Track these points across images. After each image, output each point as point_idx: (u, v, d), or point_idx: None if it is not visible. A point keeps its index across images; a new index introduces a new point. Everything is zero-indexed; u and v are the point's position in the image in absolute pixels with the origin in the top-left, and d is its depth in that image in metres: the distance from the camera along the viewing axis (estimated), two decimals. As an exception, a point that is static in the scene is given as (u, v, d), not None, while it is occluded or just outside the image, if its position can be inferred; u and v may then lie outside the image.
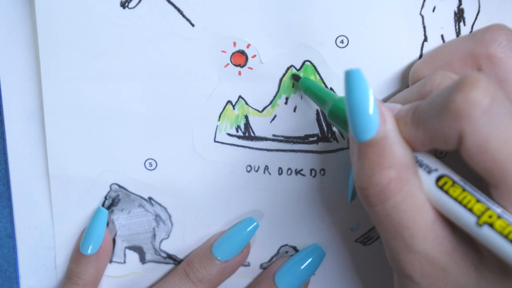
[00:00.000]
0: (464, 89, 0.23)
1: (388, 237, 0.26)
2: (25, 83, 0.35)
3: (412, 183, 0.25)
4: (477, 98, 0.23)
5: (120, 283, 0.38)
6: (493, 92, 0.23)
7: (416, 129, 0.25)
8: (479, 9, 0.33)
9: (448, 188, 0.25)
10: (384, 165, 0.25)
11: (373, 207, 0.26)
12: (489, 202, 0.24)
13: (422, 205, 0.25)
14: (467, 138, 0.23)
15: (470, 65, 0.29)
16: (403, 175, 0.25)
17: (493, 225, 0.23)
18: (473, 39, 0.29)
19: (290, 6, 0.32)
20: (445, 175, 0.25)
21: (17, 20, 0.34)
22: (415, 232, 0.25)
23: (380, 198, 0.25)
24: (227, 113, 0.35)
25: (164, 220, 0.37)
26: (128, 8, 0.33)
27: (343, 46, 0.33)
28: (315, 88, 0.32)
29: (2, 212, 0.37)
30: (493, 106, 0.23)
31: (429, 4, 0.33)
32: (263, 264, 0.38)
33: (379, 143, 0.25)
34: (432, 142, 0.25)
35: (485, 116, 0.23)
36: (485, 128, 0.23)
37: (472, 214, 0.24)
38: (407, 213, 0.25)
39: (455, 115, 0.23)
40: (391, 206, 0.25)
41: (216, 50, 0.34)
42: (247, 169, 0.36)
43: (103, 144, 0.35)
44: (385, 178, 0.25)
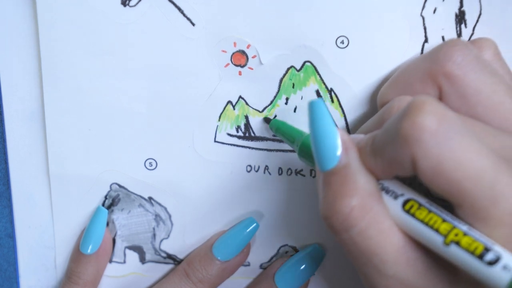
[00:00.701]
0: (410, 115, 0.23)
1: (359, 263, 0.26)
2: (25, 83, 0.35)
3: (376, 210, 0.25)
4: (424, 122, 0.23)
5: (120, 283, 0.38)
6: (440, 114, 0.23)
7: (375, 158, 0.26)
8: (481, 11, 0.33)
9: (415, 211, 0.25)
10: (346, 193, 0.26)
11: (339, 235, 0.26)
12: (455, 221, 0.24)
13: (389, 230, 0.25)
14: (419, 162, 0.23)
15: (430, 85, 0.29)
16: (365, 203, 0.25)
17: (460, 243, 0.23)
18: (429, 58, 0.29)
19: (291, 6, 0.32)
20: (411, 199, 0.25)
21: (18, 19, 0.33)
22: (385, 257, 0.25)
23: (344, 226, 0.26)
24: (227, 113, 0.35)
25: (164, 220, 0.37)
26: (129, 6, 0.33)
27: (344, 46, 0.33)
28: (285, 128, 0.33)
29: (2, 212, 0.37)
30: (441, 127, 0.23)
31: (430, 6, 0.33)
32: (263, 264, 0.38)
33: (341, 172, 0.26)
34: (391, 170, 0.25)
35: (434, 139, 0.23)
36: (436, 150, 0.23)
37: (439, 234, 0.24)
38: (373, 239, 0.25)
39: (405, 141, 0.23)
40: (356, 234, 0.25)
41: (216, 50, 0.34)
42: (247, 169, 0.36)
43: (104, 143, 0.35)
44: (347, 207, 0.25)
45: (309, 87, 0.34)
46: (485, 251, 0.23)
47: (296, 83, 0.34)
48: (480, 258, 0.23)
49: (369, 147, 0.26)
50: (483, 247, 0.23)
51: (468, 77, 0.28)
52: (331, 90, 0.34)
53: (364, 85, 0.34)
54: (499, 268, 0.22)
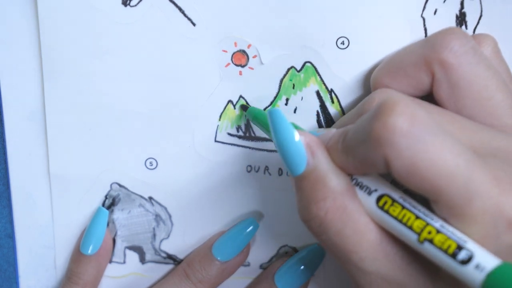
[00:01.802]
0: (381, 116, 0.23)
1: (341, 262, 0.27)
2: (25, 83, 0.35)
3: (350, 209, 0.26)
4: (395, 123, 0.23)
5: (120, 284, 0.38)
6: (411, 114, 0.23)
7: (346, 156, 0.26)
8: (481, 13, 0.33)
9: (388, 207, 0.25)
10: (318, 197, 0.26)
11: (318, 237, 0.27)
12: (428, 217, 0.24)
13: (365, 228, 0.26)
14: (392, 163, 0.23)
15: (424, 70, 0.29)
16: (339, 203, 0.26)
17: (433, 241, 0.23)
18: (426, 44, 0.29)
19: (291, 7, 0.33)
20: (385, 195, 0.25)
21: (18, 18, 0.33)
22: (363, 255, 0.25)
23: (322, 229, 0.26)
24: (228, 113, 0.35)
25: (164, 220, 0.37)
26: (129, 6, 0.33)
27: (344, 47, 0.33)
28: (262, 117, 0.33)
29: (2, 212, 0.37)
30: (412, 128, 0.23)
31: (430, 7, 0.33)
32: (263, 264, 0.38)
33: (311, 176, 0.26)
34: (363, 168, 0.25)
35: (406, 139, 0.23)
36: (409, 150, 0.23)
37: (413, 232, 0.24)
38: (350, 238, 0.26)
39: (377, 142, 0.23)
40: (334, 235, 0.26)
41: (217, 49, 0.34)
42: (247, 169, 0.36)
43: (104, 143, 0.35)
44: (322, 210, 0.26)
45: (309, 88, 0.34)
46: (457, 249, 0.23)
47: (297, 84, 0.34)
48: (453, 257, 0.23)
49: (340, 145, 0.26)
50: (456, 245, 0.23)
51: (462, 68, 0.28)
52: (331, 90, 0.34)
53: (365, 86, 0.34)
54: (472, 267, 0.22)
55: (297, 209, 0.27)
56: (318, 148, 0.26)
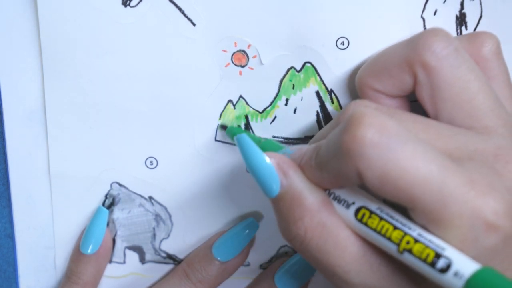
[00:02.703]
0: (351, 128, 0.24)
1: (326, 276, 0.27)
2: (25, 83, 0.35)
3: (329, 224, 0.26)
4: (364, 135, 0.23)
5: (120, 284, 0.38)
6: (379, 125, 0.23)
7: (320, 171, 0.26)
8: (481, 14, 0.33)
9: (367, 220, 0.25)
10: (295, 217, 0.26)
11: (302, 254, 0.27)
12: (405, 226, 0.24)
13: (346, 241, 0.26)
14: (365, 175, 0.23)
15: (407, 71, 0.29)
16: (316, 221, 0.26)
17: (412, 251, 0.23)
18: (408, 45, 0.29)
19: (291, 7, 0.33)
20: (363, 207, 0.25)
21: (18, 18, 0.33)
22: (347, 268, 0.26)
23: (303, 247, 0.26)
24: (228, 112, 0.35)
25: (164, 220, 0.37)
26: (129, 7, 0.33)
27: (344, 47, 0.33)
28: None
29: (2, 212, 0.37)
30: (381, 138, 0.23)
31: (430, 7, 0.33)
32: (263, 264, 0.38)
33: (286, 196, 0.26)
34: (338, 182, 0.26)
35: (376, 150, 0.23)
36: (379, 161, 0.23)
37: (392, 243, 0.24)
38: (332, 253, 0.26)
39: (347, 155, 0.24)
40: (316, 251, 0.26)
41: (217, 49, 0.34)
42: (247, 169, 0.36)
43: (104, 142, 0.35)
44: (301, 229, 0.26)
45: (309, 88, 0.34)
46: (436, 258, 0.23)
47: (296, 84, 0.34)
48: (432, 266, 0.23)
49: (313, 161, 0.26)
50: (434, 253, 0.23)
51: (444, 71, 0.28)
52: (331, 91, 0.34)
53: (364, 86, 0.34)
54: (451, 275, 0.22)
55: (279, 229, 0.28)
56: (289, 168, 0.27)
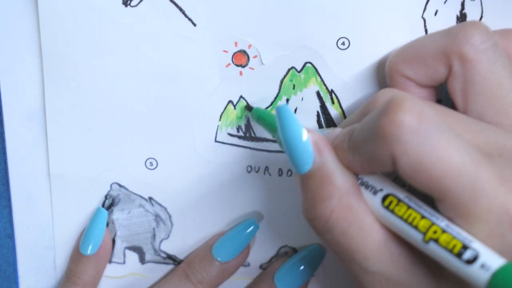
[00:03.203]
0: (389, 112, 0.23)
1: (344, 262, 0.26)
2: (25, 83, 0.35)
3: (356, 208, 0.26)
4: (403, 120, 0.23)
5: (120, 284, 0.38)
6: (418, 111, 0.23)
7: (353, 154, 0.26)
8: (482, 14, 0.33)
9: (394, 207, 0.25)
10: (324, 196, 0.26)
11: (322, 236, 0.26)
12: (433, 217, 0.24)
13: (370, 228, 0.26)
14: (399, 160, 0.23)
15: (442, 61, 0.29)
16: (344, 202, 0.26)
17: (438, 240, 0.23)
18: (447, 35, 0.29)
19: (292, 7, 0.32)
20: (390, 194, 0.25)
21: (18, 18, 0.33)
22: (367, 255, 0.25)
23: (326, 228, 0.26)
24: (228, 113, 0.35)
25: (164, 220, 0.37)
26: (130, 6, 0.33)
27: (344, 48, 0.33)
28: (267, 117, 0.33)
29: (2, 212, 0.37)
30: (420, 125, 0.23)
31: (431, 8, 0.33)
32: (263, 265, 0.38)
33: (317, 174, 0.26)
34: (370, 166, 0.25)
35: (413, 136, 0.23)
36: (416, 147, 0.23)
37: (418, 232, 0.24)
38: (355, 238, 0.25)
39: (384, 139, 0.23)
40: (339, 234, 0.26)
41: (217, 50, 0.34)
42: (247, 170, 0.36)
43: (104, 143, 0.35)
44: (327, 209, 0.26)
45: (309, 88, 0.34)
46: (463, 249, 0.23)
47: (297, 84, 0.34)
48: (458, 257, 0.23)
49: (346, 144, 0.26)
50: (461, 245, 0.23)
51: (480, 65, 0.28)
52: (331, 91, 0.34)
53: (365, 87, 0.34)
54: (477, 267, 0.22)
55: (302, 208, 0.27)
56: (325, 146, 0.26)
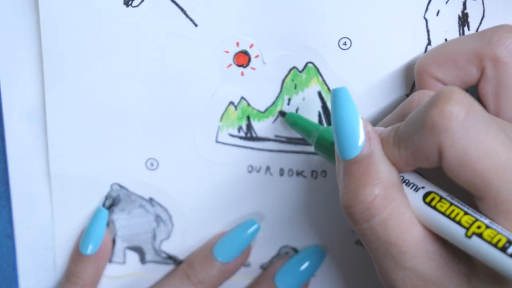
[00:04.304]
0: (439, 104, 0.23)
1: (377, 254, 0.26)
2: (25, 83, 0.34)
3: (398, 201, 0.26)
4: (452, 111, 0.23)
5: (120, 284, 0.38)
6: (468, 104, 0.23)
7: (398, 149, 0.26)
8: (484, 14, 0.33)
9: (436, 203, 0.25)
10: (369, 182, 0.26)
11: (360, 225, 0.26)
12: (476, 214, 0.24)
13: (410, 222, 0.25)
14: (446, 151, 0.23)
15: (475, 64, 0.29)
16: (388, 193, 0.25)
17: (482, 235, 0.23)
18: (481, 38, 0.29)
19: (294, 7, 0.32)
20: (432, 192, 0.25)
21: (18, 18, 0.33)
22: (404, 249, 0.25)
23: (366, 215, 0.26)
24: (229, 113, 0.35)
25: (165, 221, 0.37)
26: (131, 7, 0.32)
27: (346, 48, 0.33)
28: (301, 121, 0.33)
29: (2, 212, 0.37)
30: (469, 117, 0.23)
31: (433, 8, 0.33)
32: (264, 265, 0.38)
33: (364, 161, 0.26)
34: (415, 160, 0.25)
35: (462, 128, 0.23)
36: (463, 140, 0.23)
37: (461, 226, 0.24)
38: (394, 230, 0.25)
39: (432, 129, 0.23)
40: (377, 224, 0.25)
41: (219, 50, 0.33)
42: (248, 170, 0.36)
43: (105, 143, 0.35)
44: (370, 196, 0.25)
45: (311, 88, 0.34)
46: (508, 243, 0.23)
47: (298, 84, 0.34)
48: (503, 251, 0.23)
49: (391, 138, 0.26)
50: (506, 239, 0.23)
51: None
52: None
53: (366, 87, 0.34)
54: None
55: (341, 194, 0.27)
56: (374, 136, 0.26)
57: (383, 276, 0.27)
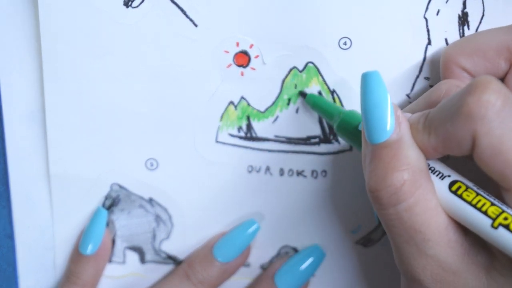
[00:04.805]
0: (476, 92, 0.23)
1: (400, 240, 0.26)
2: (25, 83, 0.34)
3: (425, 187, 0.25)
4: (489, 100, 0.23)
5: (119, 284, 0.38)
6: (505, 94, 0.23)
7: (428, 135, 0.25)
8: (484, 13, 0.33)
9: (462, 192, 0.25)
10: (397, 167, 0.25)
11: (385, 209, 0.26)
12: (503, 205, 0.24)
13: (435, 209, 0.25)
14: (480, 139, 0.23)
15: (504, 56, 0.29)
16: (416, 178, 0.25)
17: (509, 227, 0.23)
18: (511, 31, 0.29)
19: (294, 7, 0.32)
20: (458, 181, 0.25)
21: (18, 18, 0.33)
22: (428, 236, 0.25)
23: (393, 200, 0.25)
24: (229, 113, 0.35)
25: (165, 221, 0.37)
26: (131, 7, 0.32)
27: (346, 48, 0.33)
28: (323, 104, 0.33)
29: (2, 212, 0.37)
30: (505, 107, 0.23)
31: (433, 7, 0.33)
32: (264, 265, 0.38)
33: (394, 145, 0.26)
34: (445, 147, 0.25)
35: (498, 117, 0.23)
36: (499, 129, 0.23)
37: (487, 217, 0.24)
38: (419, 216, 0.25)
39: (468, 117, 0.23)
40: (404, 209, 0.25)
41: (219, 50, 0.33)
42: (248, 170, 0.36)
43: (104, 143, 0.35)
44: (399, 180, 0.25)
45: (311, 88, 0.34)
46: None
47: (299, 84, 0.34)
48: None
49: (421, 124, 0.26)
50: None
51: None
52: (333, 91, 0.34)
53: (367, 87, 0.34)
54: None
55: (368, 178, 0.26)
56: (404, 121, 0.26)
57: (402, 263, 0.27)
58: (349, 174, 0.36)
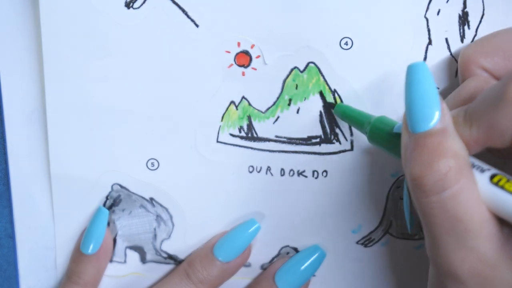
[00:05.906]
0: None
1: (439, 231, 0.25)
2: (26, 83, 0.34)
3: (469, 177, 0.25)
4: None
5: (120, 283, 0.38)
6: None
7: (469, 127, 0.25)
8: (484, 12, 0.33)
9: (504, 183, 0.25)
10: (444, 154, 0.25)
11: (428, 197, 0.25)
12: None
13: (477, 200, 0.25)
14: None
15: None
16: (461, 166, 0.25)
17: None
18: None
19: (295, 7, 0.32)
20: (499, 174, 0.25)
21: (19, 18, 0.33)
22: (470, 227, 0.25)
23: (437, 187, 0.25)
24: (230, 113, 0.35)
25: (166, 221, 0.37)
26: (132, 9, 0.32)
27: (348, 48, 0.33)
28: (352, 112, 0.33)
29: (2, 212, 0.37)
30: None
31: (433, 7, 0.33)
32: (264, 265, 0.38)
33: (439, 133, 0.25)
34: (487, 138, 0.25)
35: None
36: None
37: None
38: (463, 205, 0.25)
39: None
40: (448, 197, 0.25)
41: (220, 50, 0.33)
42: (249, 170, 0.36)
43: (105, 144, 0.35)
44: (445, 167, 0.25)
45: (312, 88, 0.34)
46: None
47: (300, 84, 0.34)
48: None
49: (461, 117, 0.26)
50: None
51: None
52: (334, 91, 0.34)
53: (368, 86, 0.34)
54: None
55: (411, 166, 0.26)
56: (448, 112, 0.26)
57: (439, 256, 0.26)
58: (350, 174, 0.36)
